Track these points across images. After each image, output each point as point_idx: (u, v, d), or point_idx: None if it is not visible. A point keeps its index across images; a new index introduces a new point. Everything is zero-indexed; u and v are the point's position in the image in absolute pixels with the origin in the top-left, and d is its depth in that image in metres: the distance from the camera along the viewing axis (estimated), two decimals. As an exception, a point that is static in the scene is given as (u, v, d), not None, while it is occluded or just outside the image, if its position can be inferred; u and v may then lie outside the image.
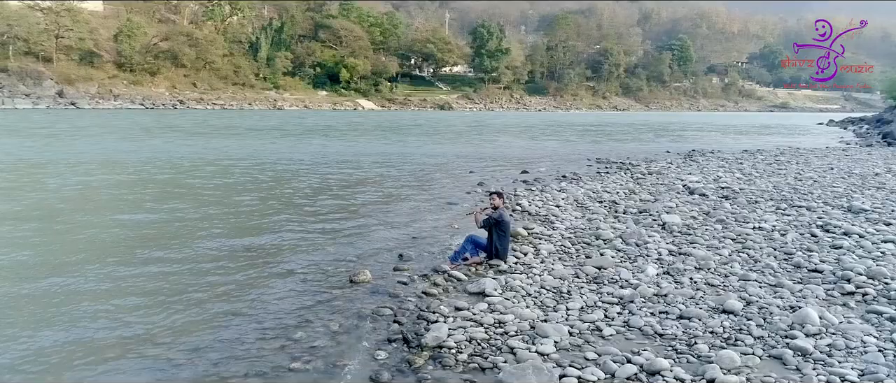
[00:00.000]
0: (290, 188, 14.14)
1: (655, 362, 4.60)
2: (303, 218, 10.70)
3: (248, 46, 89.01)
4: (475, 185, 14.85)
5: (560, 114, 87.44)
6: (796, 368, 4.57)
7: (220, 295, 6.59)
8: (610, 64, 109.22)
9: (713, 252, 7.95)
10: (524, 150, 26.37)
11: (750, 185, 13.90)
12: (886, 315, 5.51)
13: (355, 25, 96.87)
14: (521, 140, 34.00)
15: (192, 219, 10.34)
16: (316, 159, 20.18)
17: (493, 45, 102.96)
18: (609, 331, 5.40)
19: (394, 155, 22.61)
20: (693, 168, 18.44)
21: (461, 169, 18.65)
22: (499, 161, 21.37)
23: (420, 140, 31.71)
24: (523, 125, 50.47)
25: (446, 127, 45.28)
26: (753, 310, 5.75)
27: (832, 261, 7.35)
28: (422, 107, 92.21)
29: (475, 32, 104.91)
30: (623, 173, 17.07)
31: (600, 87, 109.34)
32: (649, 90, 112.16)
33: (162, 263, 7.68)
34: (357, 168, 18.14)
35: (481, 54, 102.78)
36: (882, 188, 13.31)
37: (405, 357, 5.08)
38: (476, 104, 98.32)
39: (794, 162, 19.69)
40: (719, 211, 10.80)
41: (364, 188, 14.43)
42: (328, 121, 50.10)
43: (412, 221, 10.56)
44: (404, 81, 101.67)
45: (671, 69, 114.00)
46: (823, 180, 14.81)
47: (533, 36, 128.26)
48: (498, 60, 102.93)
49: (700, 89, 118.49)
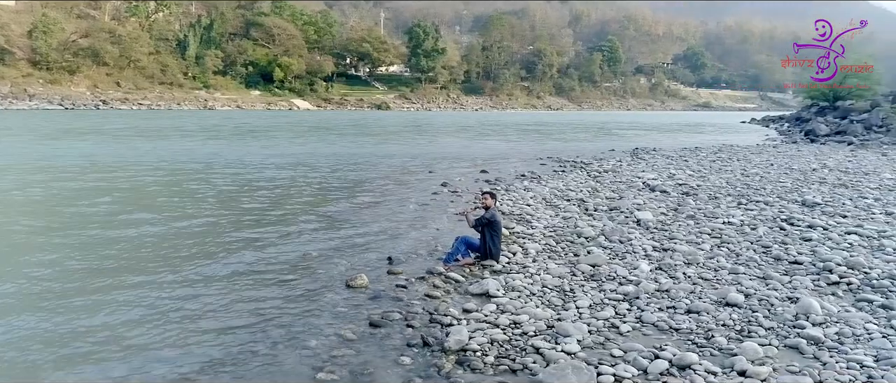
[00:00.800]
0: (249, 193, 13.61)
1: (685, 357, 4.70)
2: (273, 224, 10.34)
3: (175, 44, 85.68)
4: (439, 186, 14.79)
5: (496, 113, 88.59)
6: (814, 357, 4.78)
7: (213, 307, 6.26)
8: (543, 64, 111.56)
9: (695, 247, 8.23)
10: (474, 150, 26.49)
11: (705, 182, 14.48)
12: (876, 302, 5.86)
13: (289, 24, 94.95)
14: (466, 140, 34.12)
15: (158, 232, 9.82)
16: (266, 162, 19.59)
17: (429, 44, 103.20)
18: (625, 328, 5.49)
19: (347, 156, 22.25)
20: (643, 165, 19.06)
21: (419, 169, 18.55)
22: (453, 161, 21.37)
23: (367, 140, 31.38)
24: (463, 125, 50.74)
25: (388, 127, 45.05)
26: (755, 302, 5.98)
27: (808, 252, 7.75)
28: (359, 107, 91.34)
29: (411, 32, 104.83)
30: (580, 172, 17.43)
31: (535, 87, 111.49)
32: (581, 90, 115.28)
33: (139, 281, 7.23)
34: (312, 170, 17.72)
35: (417, 54, 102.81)
36: (824, 183, 14.15)
37: (431, 361, 5.00)
38: (413, 104, 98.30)
39: (735, 159, 20.67)
40: (686, 207, 11.18)
41: (328, 191, 14.10)
42: (265, 121, 48.80)
43: (389, 224, 10.40)
44: (340, 81, 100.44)
45: (602, 69, 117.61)
46: (769, 176, 15.61)
47: (467, 36, 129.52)
48: (434, 60, 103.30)
49: (629, 89, 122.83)
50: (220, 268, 7.57)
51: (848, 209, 10.65)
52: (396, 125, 48.34)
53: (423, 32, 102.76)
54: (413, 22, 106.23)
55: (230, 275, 7.30)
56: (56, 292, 6.57)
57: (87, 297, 6.44)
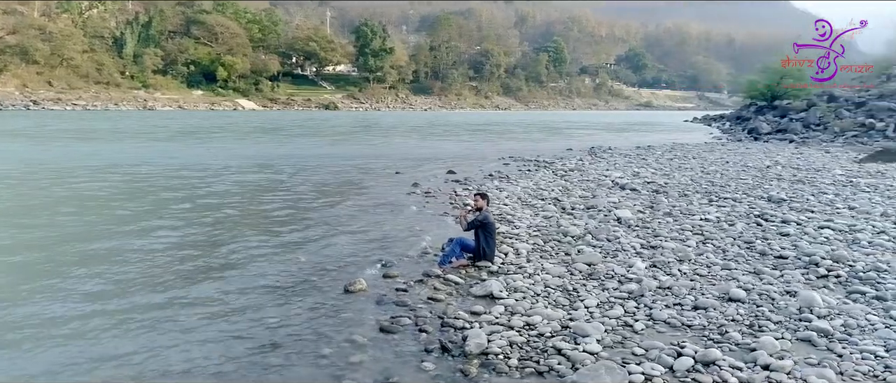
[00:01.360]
0: (218, 199, 13.15)
1: (708, 353, 4.77)
2: (251, 230, 10.02)
3: (111, 42, 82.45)
4: (411, 186, 14.66)
5: (445, 113, 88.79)
6: (827, 349, 4.94)
7: (211, 319, 5.96)
8: (491, 64, 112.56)
9: (682, 244, 8.41)
10: (433, 150, 26.42)
11: (671, 180, 14.85)
12: (869, 294, 6.11)
13: (232, 22, 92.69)
14: (421, 140, 33.99)
15: (131, 243, 9.36)
16: (225, 164, 18.96)
17: (377, 44, 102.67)
18: (639, 326, 5.54)
19: (307, 158, 21.80)
20: (605, 164, 19.41)
21: (385, 171, 18.34)
22: (416, 161, 21.24)
23: (322, 142, 30.90)
24: (415, 125, 50.56)
25: (339, 127, 44.46)
26: (756, 297, 6.14)
27: (790, 247, 8.04)
28: (306, 107, 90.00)
29: (358, 31, 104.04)
30: (546, 171, 17.60)
31: (483, 87, 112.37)
32: (528, 90, 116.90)
33: (128, 298, 6.88)
34: (277, 173, 17.28)
35: (365, 53, 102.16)
36: (782, 179, 14.74)
37: (454, 366, 4.91)
38: (362, 104, 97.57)
39: (690, 157, 21.31)
40: (661, 205, 11.43)
41: (299, 195, 13.73)
42: (211, 122, 47.42)
43: (370, 226, 10.22)
44: (286, 81, 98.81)
45: (548, 70, 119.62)
46: (729, 173, 16.16)
47: (414, 36, 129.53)
48: (382, 60, 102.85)
49: (574, 89, 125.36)
50: (207, 278, 7.25)
51: (813, 204, 11.11)
52: (347, 125, 47.82)
53: (371, 32, 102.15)
54: (360, 21, 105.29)
55: (220, 285, 6.99)
56: (57, 312, 6.17)
57: (72, 322, 6.07)
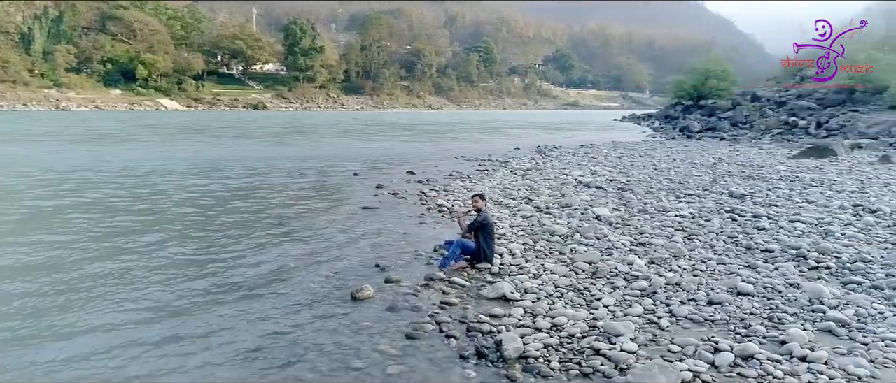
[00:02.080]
0: (176, 206, 12.41)
1: (746, 347, 4.88)
2: (228, 239, 9.48)
3: (18, 38, 76.84)
4: (375, 188, 14.40)
5: (378, 113, 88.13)
6: (849, 338, 5.16)
7: (219, 335, 5.61)
8: (423, 64, 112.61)
9: (669, 241, 8.61)
10: (381, 151, 26.08)
11: (630, 178, 15.24)
12: (865, 284, 6.44)
13: (151, 18, 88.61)
14: (364, 141, 33.45)
15: (92, 252, 8.70)
16: (169, 168, 18.02)
17: (306, 43, 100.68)
18: (665, 323, 5.61)
19: (253, 159, 21.03)
20: (557, 163, 19.72)
21: (340, 172, 17.93)
22: (369, 162, 20.90)
23: (261, 142, 29.90)
24: (349, 125, 49.73)
25: (272, 128, 43.04)
26: (762, 290, 6.36)
27: (772, 240, 8.39)
28: (234, 106, 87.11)
29: (287, 30, 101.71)
30: (504, 170, 17.69)
31: (415, 87, 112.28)
32: (460, 89, 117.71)
33: (115, 313, 6.38)
34: (230, 177, 16.54)
35: (294, 52, 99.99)
36: (733, 176, 15.41)
37: (498, 372, 4.81)
38: (292, 104, 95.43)
39: (637, 155, 22.00)
40: (633, 202, 11.69)
41: (262, 199, 13.13)
42: (132, 123, 45.06)
43: (349, 230, 9.90)
44: (212, 80, 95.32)
45: (478, 70, 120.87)
46: (681, 170, 16.76)
47: (344, 35, 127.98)
48: (312, 59, 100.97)
49: (505, 89, 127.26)
50: (199, 295, 6.79)
51: (773, 199, 11.66)
52: (279, 126, 46.47)
53: (301, 30, 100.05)
54: (289, 19, 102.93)
55: (217, 301, 6.56)
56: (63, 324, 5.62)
57: (77, 348, 5.56)
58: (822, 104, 31.41)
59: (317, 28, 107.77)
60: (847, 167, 16.49)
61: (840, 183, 13.41)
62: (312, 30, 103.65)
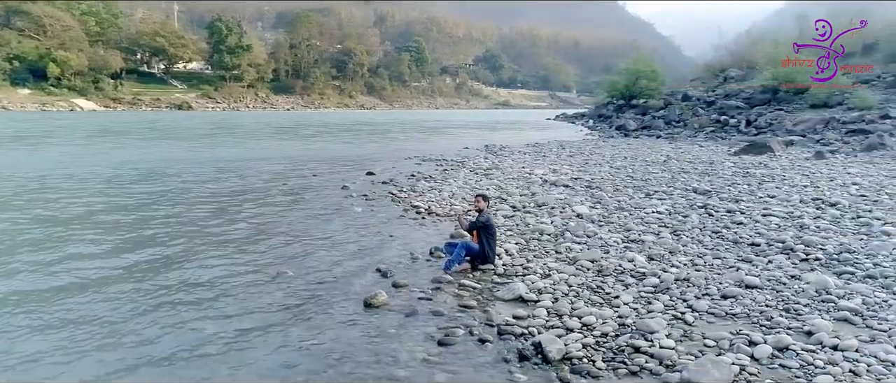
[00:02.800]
0: (132, 212, 11.73)
1: (781, 339, 5.04)
2: (208, 247, 9.03)
3: (-90, 33, 70.70)
4: (342, 190, 14.08)
5: (310, 113, 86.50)
6: (866, 326, 5.42)
7: (243, 351, 5.29)
8: (354, 63, 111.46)
9: (657, 237, 8.82)
10: (326, 152, 25.54)
11: (593, 176, 15.56)
12: (858, 274, 6.80)
13: (62, 13, 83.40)
14: (306, 142, 32.67)
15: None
16: (113, 173, 16.99)
17: (232, 41, 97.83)
18: (690, 318, 5.73)
19: (192, 162, 20.09)
20: (514, 163, 19.89)
21: (298, 174, 17.42)
22: (320, 164, 20.40)
23: (197, 144, 28.64)
24: (282, 126, 48.39)
25: (199, 129, 41.24)
26: (766, 283, 6.60)
27: (754, 234, 8.74)
28: (156, 106, 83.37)
29: (212, 27, 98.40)
30: (465, 170, 17.66)
31: (346, 86, 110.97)
32: (392, 89, 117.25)
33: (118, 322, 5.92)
34: (179, 181, 15.71)
35: (220, 50, 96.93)
36: (687, 172, 16.02)
37: (547, 375, 4.77)
38: (219, 103, 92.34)
39: (586, 153, 22.54)
40: (606, 200, 11.92)
41: (226, 205, 12.52)
42: (51, 124, 42.27)
43: (334, 235, 9.58)
44: (131, 78, 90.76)
45: (410, 69, 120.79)
46: (636, 167, 17.27)
47: (271, 33, 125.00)
48: (239, 57, 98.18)
49: (437, 88, 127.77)
50: (202, 310, 6.43)
51: (736, 194, 12.19)
52: (208, 126, 44.62)
53: (227, 28, 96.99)
54: (213, 17, 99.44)
55: (222, 314, 6.21)
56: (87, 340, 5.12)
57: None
58: (749, 103, 33.24)
59: (243, 26, 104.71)
60: (788, 163, 17.48)
61: (790, 178, 14.18)
62: (239, 27, 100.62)
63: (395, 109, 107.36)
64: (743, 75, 43.59)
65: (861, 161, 17.80)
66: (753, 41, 56.58)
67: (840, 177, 14.24)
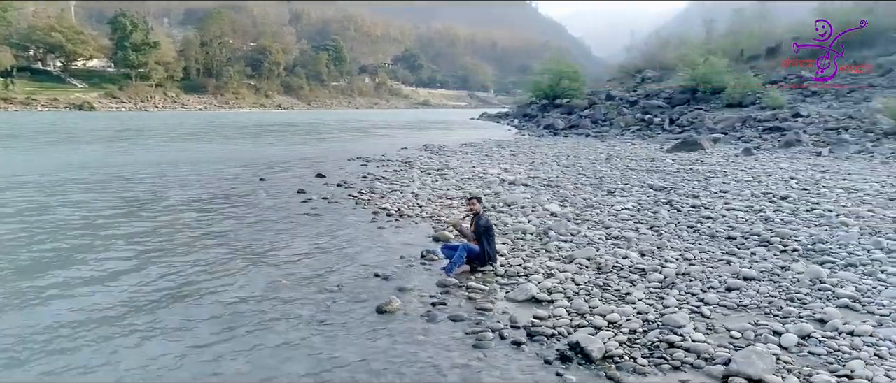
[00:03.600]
0: (83, 222, 10.85)
1: (802, 327, 5.32)
2: (184, 256, 8.51)
3: None
4: (297, 193, 13.63)
5: (224, 113, 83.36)
6: (868, 312, 5.80)
7: (280, 362, 5.02)
8: (270, 62, 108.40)
9: (638, 234, 9.08)
10: (259, 154, 24.68)
11: (547, 175, 15.84)
12: (838, 263, 7.27)
13: (-58, 5, 76.17)
14: (228, 144, 31.21)
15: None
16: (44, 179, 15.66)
17: (138, 37, 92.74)
18: (706, 311, 5.93)
19: (119, 167, 18.88)
20: (461, 162, 19.96)
21: (243, 179, 16.68)
22: (260, 167, 19.63)
23: (108, 147, 26.92)
24: (198, 126, 46.23)
25: (103, 132, 38.78)
26: (761, 274, 6.94)
27: (727, 228, 9.18)
28: (53, 107, 77.64)
29: (115, 23, 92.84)
30: (417, 171, 17.53)
31: (262, 86, 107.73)
32: (310, 89, 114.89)
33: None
34: (127, 187, 14.74)
35: (124, 47, 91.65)
36: (634, 169, 16.63)
37: (595, 374, 4.80)
38: (124, 103, 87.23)
39: (527, 151, 22.95)
40: (570, 199, 12.16)
41: (180, 212, 11.82)
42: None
43: (316, 240, 9.20)
44: (24, 77, 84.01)
45: (328, 69, 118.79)
46: (582, 166, 17.75)
47: (179, 30, 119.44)
48: (146, 55, 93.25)
49: (356, 88, 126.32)
50: (210, 324, 6.03)
51: (691, 190, 12.76)
52: (118, 128, 42.00)
53: (131, 24, 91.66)
54: (117, 12, 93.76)
55: (227, 327, 5.87)
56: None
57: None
58: (670, 103, 34.98)
59: (148, 22, 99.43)
60: (722, 159, 18.52)
61: (732, 174, 15.02)
62: (145, 23, 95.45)
63: (314, 109, 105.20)
64: (659, 76, 45.81)
65: (785, 157, 19.13)
66: (663, 42, 59.72)
67: (775, 172, 15.22)
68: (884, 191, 11.87)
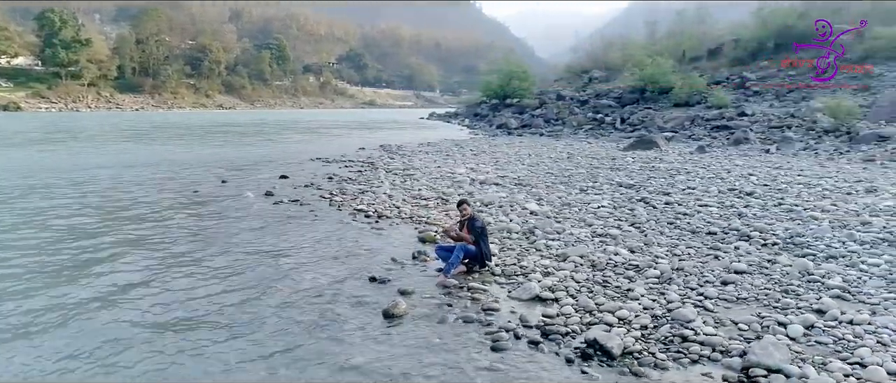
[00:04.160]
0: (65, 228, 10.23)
1: (806, 318, 5.52)
2: (174, 261, 8.14)
3: None
4: (265, 195, 13.26)
5: (163, 114, 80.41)
6: (859, 301, 6.08)
7: (292, 372, 4.86)
8: (210, 61, 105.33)
9: (622, 231, 9.24)
10: (218, 156, 23.88)
11: (515, 174, 15.95)
12: (819, 256, 7.59)
13: None
14: (180, 146, 30.09)
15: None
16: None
17: (68, 34, 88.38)
18: (709, 305, 6.08)
19: (64, 170, 17.97)
20: (420, 162, 19.86)
21: (203, 181, 16.11)
22: (221, 168, 19.01)
23: (44, 149, 25.60)
24: (142, 128, 44.15)
25: (33, 132, 36.94)
26: (748, 267, 7.17)
27: (705, 223, 9.45)
28: (-27, 107, 73.02)
29: (42, 18, 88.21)
30: (383, 172, 17.33)
31: (202, 85, 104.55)
32: (253, 88, 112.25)
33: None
34: (92, 192, 13.98)
35: (53, 44, 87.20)
36: (597, 168, 16.93)
37: (619, 371, 4.85)
38: (54, 104, 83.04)
39: (488, 151, 23.05)
40: (545, 197, 12.27)
41: (150, 221, 11.36)
42: None
43: (296, 245, 8.95)
44: (-62, 75, 78.86)
45: (271, 68, 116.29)
46: (547, 165, 17.96)
47: (111, 27, 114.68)
48: (77, 53, 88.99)
49: (300, 88, 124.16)
50: (212, 334, 5.78)
51: (660, 187, 13.09)
52: (47, 129, 39.81)
53: (60, 20, 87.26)
54: (46, 7, 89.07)
55: (233, 335, 5.64)
56: None
57: None
58: (620, 102, 35.86)
59: (79, 18, 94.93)
60: (680, 157, 19.11)
61: (693, 171, 15.50)
62: (75, 19, 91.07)
63: (258, 109, 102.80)
64: (606, 76, 46.91)
65: (737, 154, 19.90)
66: (607, 43, 61.20)
67: (733, 169, 15.81)
68: (839, 186, 12.49)
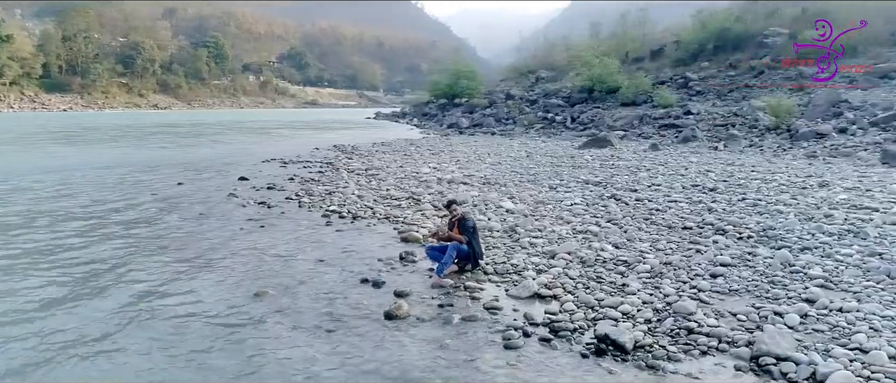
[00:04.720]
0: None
1: (801, 307, 5.74)
2: (145, 269, 7.75)
3: None
4: (227, 197, 12.86)
5: (93, 114, 77.00)
6: (843, 290, 6.35)
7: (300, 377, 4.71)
8: (144, 59, 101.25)
9: (601, 228, 9.40)
10: (167, 158, 23.01)
11: (478, 173, 16.00)
12: (794, 248, 7.91)
13: None
14: (122, 148, 28.97)
15: None
16: None
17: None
18: (705, 297, 6.25)
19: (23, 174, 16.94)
20: (380, 162, 19.67)
21: (160, 183, 15.48)
22: (175, 170, 18.32)
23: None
24: (72, 129, 41.99)
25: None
26: (733, 260, 7.42)
27: (679, 219, 9.72)
28: None
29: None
30: (346, 173, 17.05)
31: (136, 84, 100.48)
32: (189, 88, 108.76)
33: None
34: (44, 196, 13.16)
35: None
36: (560, 166, 17.19)
37: (636, 364, 4.92)
38: (-27, 104, 77.92)
39: (446, 150, 23.06)
40: (517, 195, 12.37)
41: (110, 225, 10.78)
42: None
43: (276, 248, 8.68)
44: None
45: (209, 67, 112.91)
46: (508, 163, 18.10)
47: (34, 22, 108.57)
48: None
49: (239, 87, 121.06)
50: (214, 339, 5.54)
51: (626, 183, 13.39)
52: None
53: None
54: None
55: (238, 344, 5.43)
56: None
57: None
58: (569, 102, 36.52)
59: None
60: (635, 155, 19.61)
61: (653, 169, 15.93)
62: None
63: (195, 109, 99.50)
64: (554, 76, 47.74)
65: (688, 152, 20.60)
66: (550, 44, 62.32)
67: (690, 166, 16.35)
68: (793, 181, 13.11)
